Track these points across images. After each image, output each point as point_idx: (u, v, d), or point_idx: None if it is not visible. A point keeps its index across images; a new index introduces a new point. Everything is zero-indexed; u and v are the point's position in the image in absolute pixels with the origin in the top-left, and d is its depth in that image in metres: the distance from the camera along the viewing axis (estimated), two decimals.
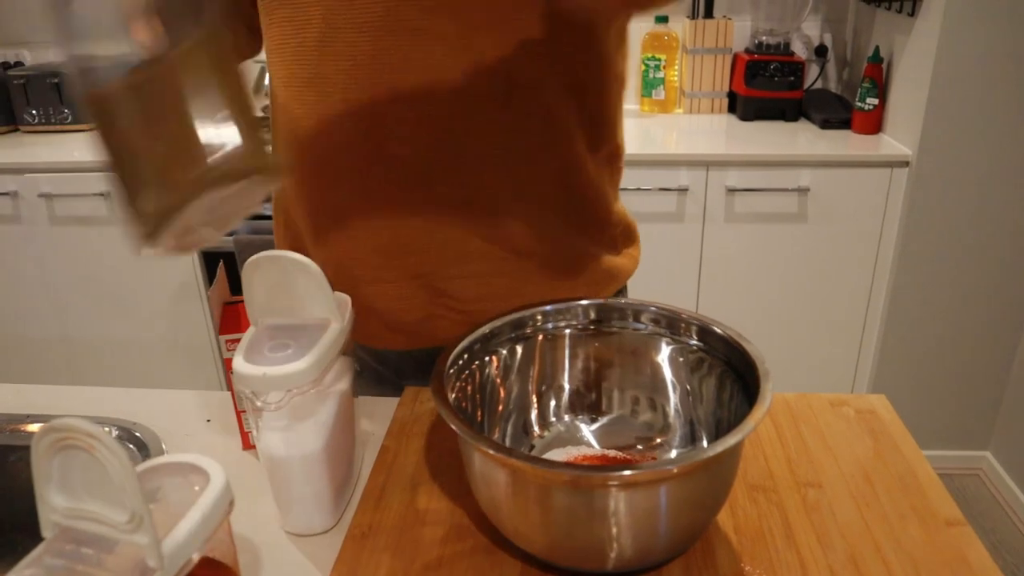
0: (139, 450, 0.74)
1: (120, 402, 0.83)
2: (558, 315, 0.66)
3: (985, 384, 2.01)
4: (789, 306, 1.95)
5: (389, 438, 0.72)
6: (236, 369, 0.56)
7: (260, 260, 0.59)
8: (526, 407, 0.66)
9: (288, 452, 0.60)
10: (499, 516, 0.55)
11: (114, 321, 2.03)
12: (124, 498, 0.37)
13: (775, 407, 0.74)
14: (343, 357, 0.64)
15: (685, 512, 0.52)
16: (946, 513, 0.61)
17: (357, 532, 0.61)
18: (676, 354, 0.65)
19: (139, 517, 0.37)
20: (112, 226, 1.91)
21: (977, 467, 2.09)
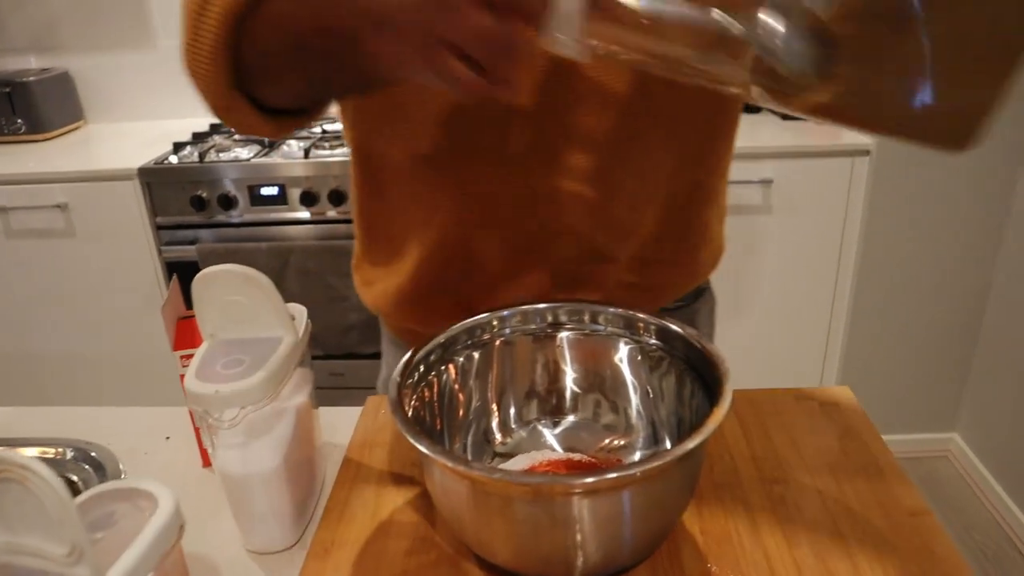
0: (95, 471, 0.72)
1: (77, 421, 0.81)
2: (515, 319, 0.66)
3: (950, 367, 2.04)
4: (756, 297, 1.96)
5: (352, 449, 0.71)
6: (188, 387, 0.55)
7: (209, 275, 0.58)
8: (486, 414, 0.65)
9: (246, 469, 0.59)
10: (462, 528, 0.54)
11: (74, 336, 1.99)
12: (62, 531, 0.36)
13: (740, 404, 0.74)
14: (301, 369, 0.63)
15: (649, 516, 0.52)
16: (910, 503, 0.61)
17: (320, 548, 0.60)
18: (635, 354, 0.64)
19: (79, 550, 0.36)
20: (70, 238, 1.87)
21: (945, 449, 2.12)
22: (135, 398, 2.02)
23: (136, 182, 1.78)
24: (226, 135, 1.97)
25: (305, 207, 1.75)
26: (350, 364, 1.89)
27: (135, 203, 1.80)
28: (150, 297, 1.90)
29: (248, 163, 1.74)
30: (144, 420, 0.81)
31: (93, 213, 1.83)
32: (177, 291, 0.72)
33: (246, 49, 0.59)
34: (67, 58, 2.21)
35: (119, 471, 0.72)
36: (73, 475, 0.72)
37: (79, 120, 2.24)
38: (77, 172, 1.81)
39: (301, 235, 1.78)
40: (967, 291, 1.95)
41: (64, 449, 0.74)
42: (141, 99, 2.24)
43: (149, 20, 2.15)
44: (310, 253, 1.74)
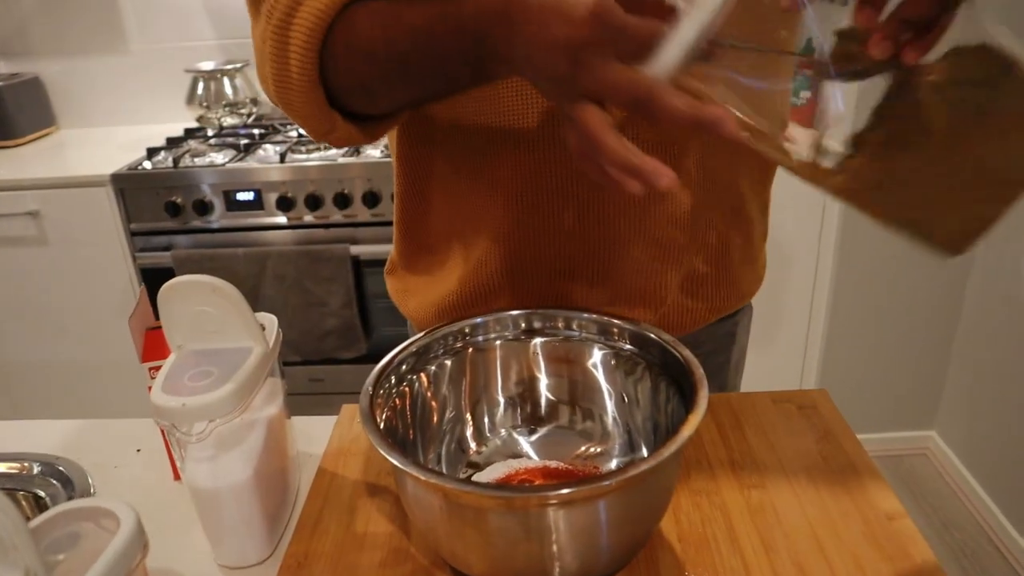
0: (63, 486, 0.71)
1: (45, 434, 0.79)
2: (488, 327, 0.65)
3: (928, 366, 2.05)
4: None
5: (326, 459, 0.70)
6: (153, 400, 0.54)
7: (176, 285, 0.56)
8: (461, 423, 0.65)
9: (216, 483, 0.58)
10: (436, 540, 0.53)
11: (46, 345, 1.96)
12: (16, 555, 0.35)
13: (718, 408, 0.74)
14: (272, 379, 0.62)
15: (626, 525, 0.51)
16: (887, 507, 0.61)
17: (292, 561, 0.59)
18: (610, 360, 0.64)
19: (34, 574, 0.35)
20: (42, 246, 1.84)
21: (924, 446, 2.14)
22: (108, 409, 1.99)
23: (109, 188, 1.75)
24: (201, 140, 1.95)
25: (282, 212, 1.73)
26: (329, 370, 1.87)
27: (108, 210, 1.78)
28: (124, 305, 1.88)
29: (224, 168, 1.73)
30: (114, 432, 0.79)
31: (65, 220, 1.81)
32: (145, 301, 0.70)
33: (335, 72, 0.58)
34: (37, 63, 2.18)
35: (88, 486, 0.70)
36: (40, 490, 0.70)
37: (50, 126, 2.20)
38: (49, 179, 1.78)
39: (278, 240, 1.76)
40: (944, 290, 1.96)
41: (31, 464, 0.73)
42: (114, 104, 2.21)
43: (121, 23, 2.12)
44: (287, 258, 1.72)
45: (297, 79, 0.58)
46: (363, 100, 0.61)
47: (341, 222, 1.73)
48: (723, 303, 0.78)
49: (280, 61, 0.58)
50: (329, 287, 1.74)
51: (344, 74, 0.58)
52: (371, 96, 0.60)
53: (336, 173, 1.70)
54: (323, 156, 1.75)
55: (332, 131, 0.62)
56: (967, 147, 0.44)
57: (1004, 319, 1.81)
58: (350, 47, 0.56)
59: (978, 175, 0.45)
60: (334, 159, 1.72)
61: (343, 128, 0.61)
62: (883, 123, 0.46)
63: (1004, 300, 1.81)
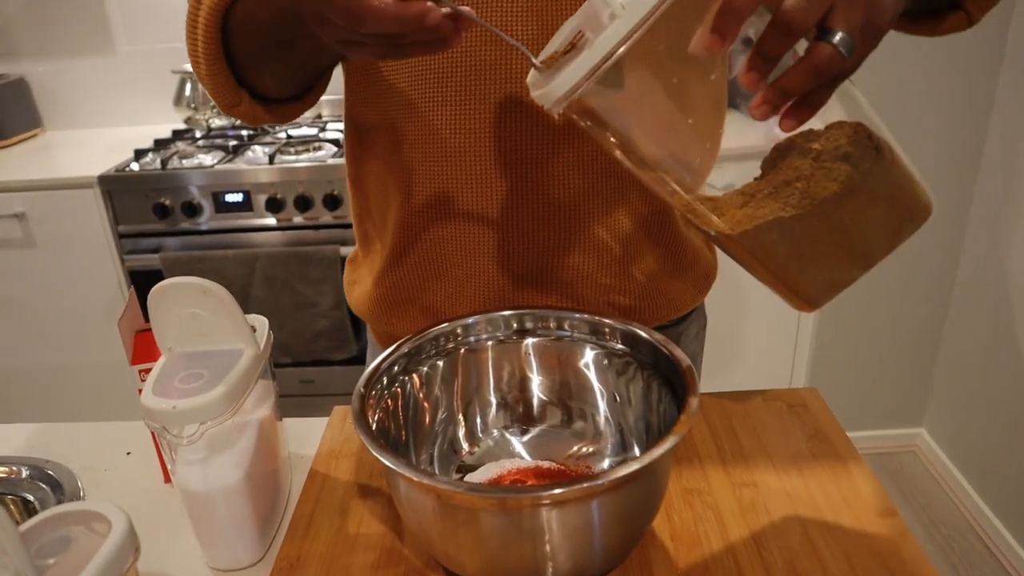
0: (53, 490, 0.70)
1: (34, 438, 0.79)
2: (480, 327, 0.65)
3: (917, 364, 2.06)
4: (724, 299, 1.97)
5: (318, 461, 0.70)
6: (144, 403, 0.53)
7: (166, 287, 0.56)
8: (453, 424, 0.65)
9: (207, 486, 0.57)
10: (429, 541, 0.53)
11: (34, 348, 1.94)
12: (6, 559, 0.35)
13: (708, 407, 0.74)
14: (263, 381, 0.62)
15: (619, 525, 0.51)
16: (878, 505, 0.61)
17: (285, 564, 0.59)
18: (601, 359, 0.64)
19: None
20: (29, 248, 1.83)
21: (912, 444, 2.15)
22: (97, 412, 1.98)
23: (96, 190, 1.74)
24: (189, 141, 1.94)
25: (271, 213, 1.73)
26: (320, 371, 1.87)
27: (96, 212, 1.76)
28: (112, 308, 1.87)
29: (212, 170, 1.72)
30: (104, 435, 0.79)
31: (52, 222, 1.79)
32: (135, 303, 0.70)
33: (235, 46, 0.66)
34: (23, 64, 2.17)
35: (77, 489, 0.70)
36: (29, 494, 0.70)
37: (36, 127, 2.19)
38: (35, 181, 1.77)
39: (267, 242, 1.76)
40: (931, 290, 1.98)
41: (19, 467, 0.72)
42: (101, 105, 2.20)
43: (108, 24, 2.11)
44: (277, 260, 1.72)
45: (203, 50, 0.65)
46: (254, 74, 0.68)
47: (331, 223, 1.73)
48: (649, 315, 0.77)
49: (191, 35, 0.66)
50: (319, 288, 1.74)
51: (238, 47, 0.66)
52: (258, 69, 0.67)
53: (326, 174, 1.69)
54: (312, 157, 1.74)
55: (237, 105, 0.69)
56: (836, 215, 0.48)
57: (991, 318, 1.82)
58: (244, 20, 0.64)
59: (841, 242, 0.50)
60: (323, 160, 1.72)
61: (248, 104, 0.69)
62: (766, 178, 0.49)
63: (991, 299, 1.82)
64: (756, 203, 0.48)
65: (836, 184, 0.47)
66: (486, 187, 0.69)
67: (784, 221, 0.47)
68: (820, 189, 0.47)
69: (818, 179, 0.47)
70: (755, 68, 0.43)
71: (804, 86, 0.43)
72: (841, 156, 0.47)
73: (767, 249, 0.49)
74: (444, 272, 0.74)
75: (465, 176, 0.69)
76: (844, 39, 0.42)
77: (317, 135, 1.90)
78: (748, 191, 0.49)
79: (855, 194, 0.47)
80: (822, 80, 0.43)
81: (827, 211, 0.47)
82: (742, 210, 0.48)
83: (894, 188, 0.49)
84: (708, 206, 0.49)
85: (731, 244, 0.50)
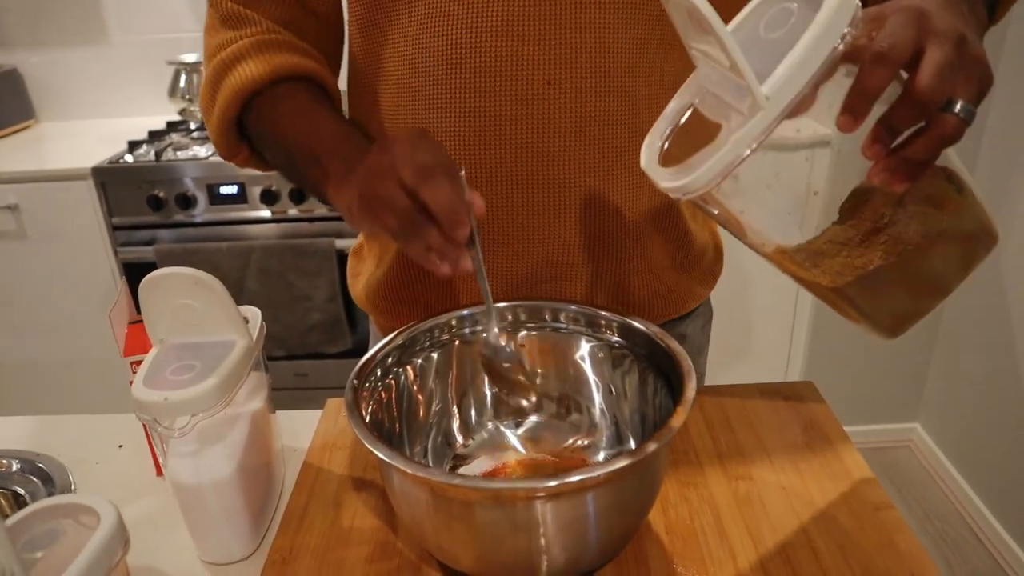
0: (44, 483, 0.70)
1: (25, 431, 0.78)
2: (474, 319, 0.64)
3: (912, 359, 2.07)
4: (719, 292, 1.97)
5: (311, 454, 0.69)
6: (135, 395, 0.53)
7: (158, 278, 0.56)
8: (447, 416, 0.64)
9: (198, 479, 0.57)
10: (423, 534, 0.52)
11: (27, 341, 1.93)
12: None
13: (705, 400, 0.74)
14: (256, 373, 0.61)
15: (614, 518, 0.51)
16: (874, 498, 0.61)
17: (277, 557, 0.58)
18: (597, 352, 0.64)
19: (10, 572, 0.34)
20: (22, 240, 1.82)
21: (907, 438, 2.15)
22: (90, 404, 1.97)
23: (90, 182, 1.73)
24: (184, 133, 1.92)
25: (266, 206, 1.72)
26: (315, 364, 1.86)
27: (89, 203, 1.75)
28: (106, 300, 1.86)
29: (207, 161, 1.71)
30: (96, 428, 0.78)
31: (45, 214, 1.78)
32: (127, 294, 0.69)
33: (253, 118, 0.70)
34: (15, 54, 2.15)
35: (68, 482, 0.69)
36: (19, 488, 0.69)
37: (29, 119, 2.17)
38: (28, 172, 1.75)
39: (262, 234, 1.75)
40: None
41: (10, 460, 0.72)
42: (94, 96, 2.18)
43: (101, 14, 2.09)
44: (272, 252, 1.71)
45: (217, 119, 0.70)
46: (261, 147, 0.73)
47: (326, 216, 1.72)
48: (659, 311, 0.77)
49: (208, 97, 0.71)
50: (314, 281, 1.73)
51: (255, 124, 0.71)
52: (265, 150, 0.73)
53: None
54: None
55: (235, 156, 0.74)
56: (924, 256, 0.49)
57: (986, 313, 1.82)
58: (269, 110, 0.69)
59: (922, 277, 0.52)
60: None
61: (245, 158, 0.75)
62: (849, 223, 0.49)
63: (986, 295, 1.82)
64: (850, 252, 0.49)
65: (924, 229, 0.48)
66: (495, 183, 0.68)
67: (879, 269, 0.48)
68: (909, 234, 0.48)
69: (906, 224, 0.48)
70: (880, 140, 0.44)
71: (929, 156, 0.45)
72: (923, 199, 0.48)
73: (861, 295, 0.51)
74: None
75: (474, 171, 0.68)
76: (966, 108, 0.43)
77: None
78: (838, 239, 0.49)
79: (940, 236, 0.49)
80: (944, 148, 0.44)
81: (916, 255, 0.48)
82: (837, 260, 0.49)
83: (972, 224, 0.51)
84: (801, 256, 0.50)
85: (830, 293, 0.51)
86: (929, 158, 0.45)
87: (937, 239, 0.49)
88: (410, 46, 0.66)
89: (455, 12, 0.63)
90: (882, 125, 0.44)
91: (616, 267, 0.73)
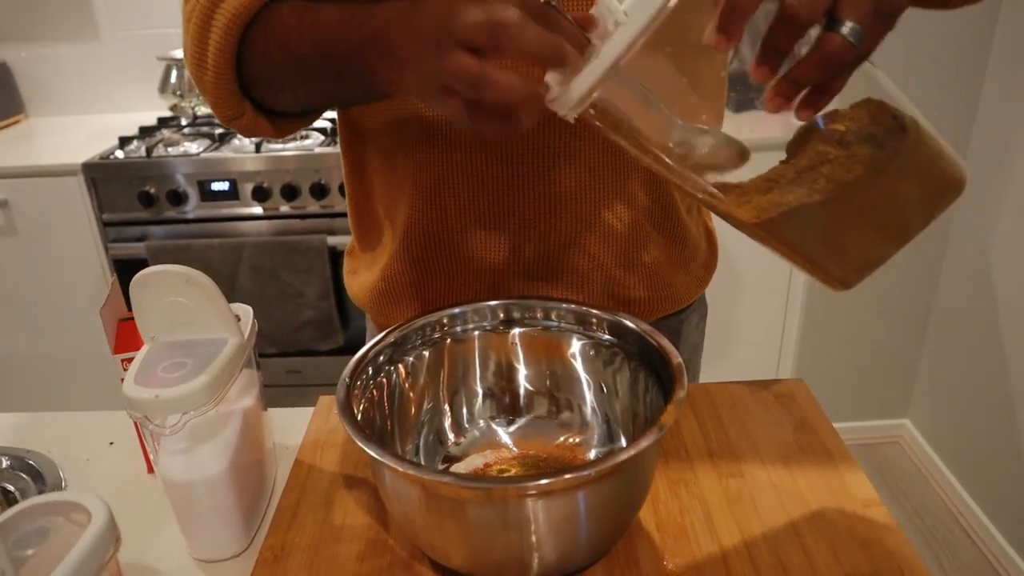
0: (34, 480, 0.69)
1: (14, 427, 0.78)
2: (466, 317, 0.64)
3: (902, 356, 2.08)
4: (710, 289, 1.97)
5: (303, 452, 0.69)
6: (126, 392, 0.53)
7: (148, 276, 0.55)
8: (439, 414, 0.64)
9: (190, 476, 0.57)
10: (415, 532, 0.53)
11: (16, 337, 1.93)
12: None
13: (695, 397, 0.74)
14: (248, 371, 0.61)
15: (604, 515, 0.51)
16: (862, 494, 0.62)
17: (269, 555, 0.58)
18: (588, 349, 0.64)
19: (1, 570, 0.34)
20: (11, 236, 1.81)
21: (897, 435, 2.17)
22: (81, 402, 1.96)
23: (80, 178, 1.72)
24: (175, 129, 1.92)
25: (257, 202, 1.71)
26: (307, 361, 1.86)
27: (79, 199, 1.75)
28: (96, 297, 1.85)
29: (198, 158, 1.70)
30: (86, 425, 0.78)
31: (35, 210, 1.77)
32: (117, 291, 0.69)
33: (249, 60, 0.62)
34: (5, 49, 2.14)
35: (59, 479, 0.69)
36: (9, 485, 0.69)
37: (19, 114, 2.16)
38: (18, 167, 1.74)
39: (254, 231, 1.74)
40: (917, 281, 1.99)
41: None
42: (84, 92, 2.17)
43: (92, 9, 2.08)
44: (263, 249, 1.70)
45: (213, 60, 0.61)
46: (268, 92, 0.64)
47: (318, 212, 1.72)
48: (655, 307, 0.77)
49: (200, 42, 0.61)
50: (306, 278, 1.73)
51: (258, 62, 0.62)
52: (276, 89, 0.64)
53: (313, 163, 1.68)
54: (300, 146, 1.73)
55: (239, 117, 0.65)
56: (865, 197, 0.47)
57: (976, 309, 1.83)
58: (268, 36, 0.60)
59: (872, 222, 0.49)
60: (311, 149, 1.71)
61: (251, 117, 0.65)
62: (790, 162, 0.48)
63: (975, 291, 1.83)
64: (780, 189, 0.47)
65: (862, 166, 0.46)
66: (490, 180, 0.68)
67: (810, 206, 0.46)
68: (846, 172, 0.46)
69: (843, 162, 0.46)
70: (765, 62, 0.43)
71: (815, 78, 0.43)
72: (865, 137, 0.46)
73: (794, 235, 0.49)
74: (449, 266, 0.73)
75: (469, 169, 0.68)
76: (854, 29, 0.42)
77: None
78: (772, 176, 0.48)
79: (883, 175, 0.46)
80: (833, 71, 0.43)
81: (855, 194, 0.46)
82: (766, 196, 0.48)
83: (923, 164, 0.48)
84: (733, 194, 0.48)
85: (757, 231, 0.49)
86: (820, 81, 0.43)
87: (880, 177, 0.47)
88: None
89: None
90: (763, 45, 0.43)
91: (612, 263, 0.73)
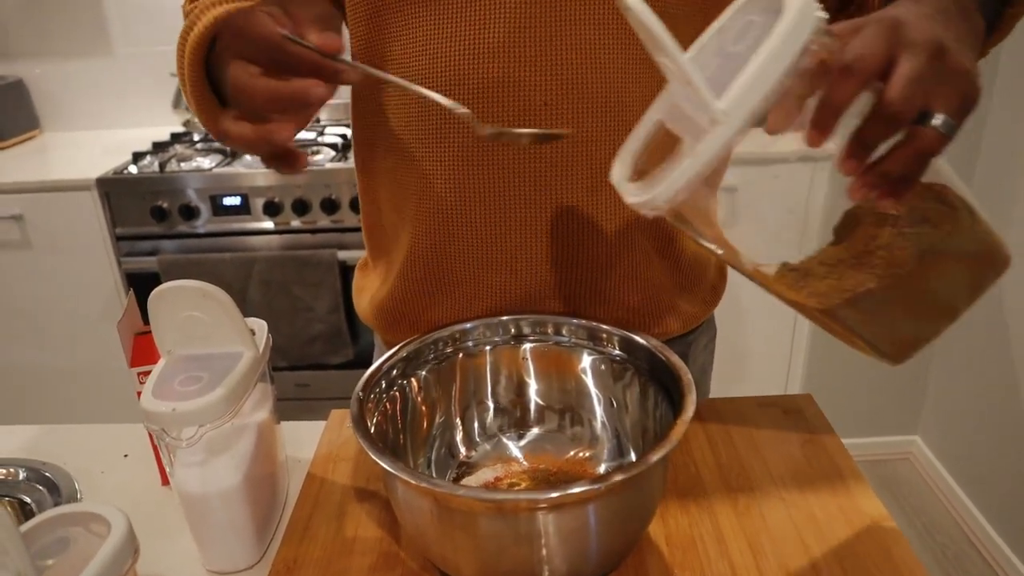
0: (49, 492, 0.70)
1: (31, 439, 0.79)
2: (478, 332, 0.65)
3: (912, 372, 2.07)
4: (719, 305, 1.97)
5: (315, 465, 0.70)
6: (143, 406, 0.54)
7: (165, 291, 0.56)
8: (450, 428, 0.65)
9: (205, 488, 0.58)
10: (426, 544, 0.53)
11: (31, 350, 1.94)
12: (7, 559, 0.35)
13: (704, 412, 0.75)
14: (262, 384, 0.62)
15: (614, 529, 0.52)
16: (872, 511, 0.62)
17: (282, 567, 0.59)
18: (598, 365, 0.64)
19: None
20: (26, 250, 1.83)
21: (907, 451, 2.16)
22: (94, 414, 1.98)
23: (94, 192, 1.74)
24: (187, 144, 1.94)
25: (269, 217, 1.73)
26: (316, 375, 1.87)
27: (93, 214, 1.77)
28: (109, 310, 1.87)
29: (210, 173, 1.72)
30: (101, 437, 0.79)
31: (50, 224, 1.79)
32: (134, 305, 0.70)
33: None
34: (20, 65, 2.17)
35: (75, 491, 0.70)
36: (26, 496, 0.70)
37: (34, 129, 2.19)
38: (33, 182, 1.77)
39: (265, 245, 1.76)
40: None
41: (16, 469, 0.72)
42: (99, 108, 2.20)
43: (106, 26, 2.11)
44: (274, 263, 1.72)
45: (190, 87, 0.64)
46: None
47: (328, 227, 1.73)
48: (661, 329, 0.77)
49: (180, 72, 0.66)
50: (316, 292, 1.74)
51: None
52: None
53: (323, 178, 1.70)
54: (310, 162, 1.75)
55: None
56: (918, 277, 0.47)
57: (985, 325, 1.83)
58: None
59: (926, 302, 0.50)
60: (321, 164, 1.72)
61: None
62: (843, 244, 0.48)
63: (985, 307, 1.83)
64: (840, 274, 0.47)
65: (918, 249, 0.46)
66: (492, 202, 0.69)
67: (873, 291, 0.47)
68: (904, 256, 0.46)
69: (900, 246, 0.46)
70: (854, 156, 0.43)
71: (909, 171, 0.43)
72: (919, 220, 0.46)
73: (855, 318, 0.49)
74: (453, 288, 0.74)
75: (471, 190, 0.69)
76: (947, 122, 0.42)
77: (315, 139, 1.90)
78: (828, 261, 0.48)
79: (939, 258, 0.47)
80: (924, 164, 0.43)
81: (912, 277, 0.47)
82: (825, 281, 0.48)
83: (975, 245, 0.49)
84: (791, 277, 0.49)
85: (819, 316, 0.49)
86: (907, 173, 0.43)
87: (935, 260, 0.47)
88: (409, 67, 0.67)
89: (453, 34, 0.64)
90: (855, 139, 0.43)
91: (615, 286, 0.73)
